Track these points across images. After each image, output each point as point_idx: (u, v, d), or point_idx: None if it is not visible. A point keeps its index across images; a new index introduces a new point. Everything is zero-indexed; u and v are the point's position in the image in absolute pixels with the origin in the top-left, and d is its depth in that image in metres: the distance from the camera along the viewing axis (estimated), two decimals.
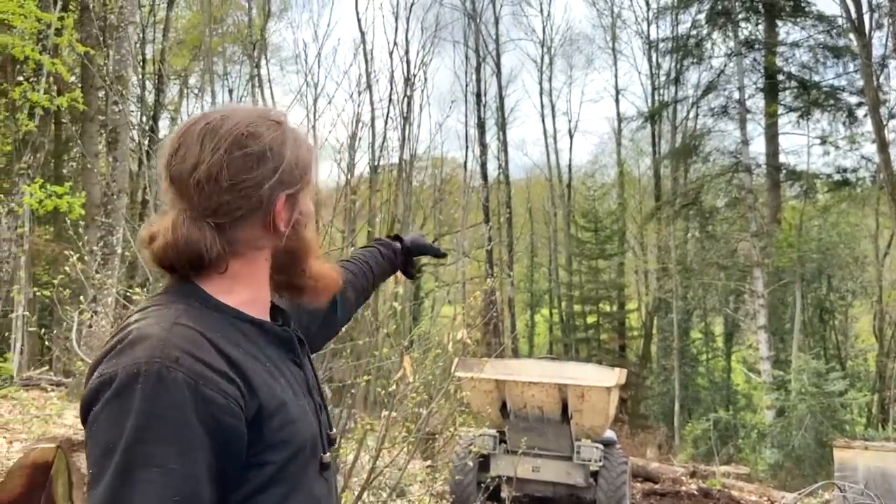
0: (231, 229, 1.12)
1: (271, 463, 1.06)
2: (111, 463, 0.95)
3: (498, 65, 30.73)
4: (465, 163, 30.70)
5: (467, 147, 30.54)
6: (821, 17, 20.34)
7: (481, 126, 29.95)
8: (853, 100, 19.95)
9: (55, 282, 5.29)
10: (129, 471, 0.94)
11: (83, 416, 1.03)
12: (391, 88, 18.39)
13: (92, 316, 5.28)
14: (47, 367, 12.31)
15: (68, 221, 6.50)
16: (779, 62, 20.90)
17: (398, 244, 1.94)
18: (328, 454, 1.20)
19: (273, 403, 1.07)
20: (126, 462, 0.94)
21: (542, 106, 32.84)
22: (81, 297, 5.38)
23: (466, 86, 29.99)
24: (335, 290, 1.30)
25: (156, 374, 0.97)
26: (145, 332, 1.02)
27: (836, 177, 20.26)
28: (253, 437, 1.04)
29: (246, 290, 1.16)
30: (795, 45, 20.74)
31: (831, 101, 20.30)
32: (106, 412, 0.98)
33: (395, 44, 17.85)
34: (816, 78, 20.54)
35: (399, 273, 1.99)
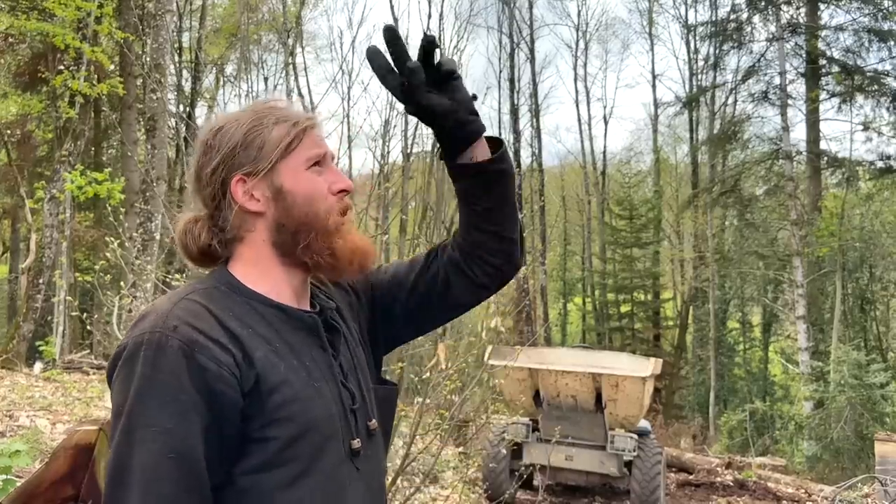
0: (219, 218, 1.21)
1: (274, 439, 1.08)
2: (119, 424, 1.04)
3: (532, 50, 30.45)
4: None
5: (500, 133, 30.36)
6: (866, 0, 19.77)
7: (515, 112, 29.71)
8: None
9: (96, 267, 5.40)
10: (132, 431, 1.03)
11: (109, 385, 1.12)
12: None
13: (132, 301, 5.36)
14: (88, 351, 12.57)
15: (108, 208, 6.60)
16: (821, 46, 20.32)
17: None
18: (357, 440, 1.19)
19: (274, 379, 1.10)
20: (129, 423, 1.03)
21: (577, 92, 32.61)
22: (121, 283, 5.46)
23: (500, 72, 29.76)
24: (358, 262, 1.22)
25: (156, 343, 1.04)
26: (155, 307, 1.11)
27: (879, 164, 19.66)
28: (253, 410, 1.08)
29: (269, 276, 1.20)
30: (839, 28, 20.14)
31: (875, 86, 19.68)
32: (118, 379, 1.07)
33: (429, 30, 17.75)
34: (860, 62, 19.97)
35: None
